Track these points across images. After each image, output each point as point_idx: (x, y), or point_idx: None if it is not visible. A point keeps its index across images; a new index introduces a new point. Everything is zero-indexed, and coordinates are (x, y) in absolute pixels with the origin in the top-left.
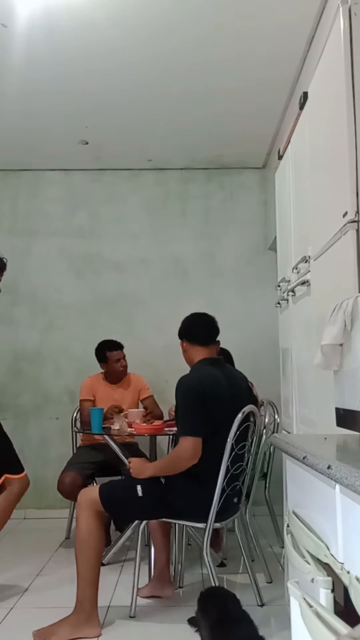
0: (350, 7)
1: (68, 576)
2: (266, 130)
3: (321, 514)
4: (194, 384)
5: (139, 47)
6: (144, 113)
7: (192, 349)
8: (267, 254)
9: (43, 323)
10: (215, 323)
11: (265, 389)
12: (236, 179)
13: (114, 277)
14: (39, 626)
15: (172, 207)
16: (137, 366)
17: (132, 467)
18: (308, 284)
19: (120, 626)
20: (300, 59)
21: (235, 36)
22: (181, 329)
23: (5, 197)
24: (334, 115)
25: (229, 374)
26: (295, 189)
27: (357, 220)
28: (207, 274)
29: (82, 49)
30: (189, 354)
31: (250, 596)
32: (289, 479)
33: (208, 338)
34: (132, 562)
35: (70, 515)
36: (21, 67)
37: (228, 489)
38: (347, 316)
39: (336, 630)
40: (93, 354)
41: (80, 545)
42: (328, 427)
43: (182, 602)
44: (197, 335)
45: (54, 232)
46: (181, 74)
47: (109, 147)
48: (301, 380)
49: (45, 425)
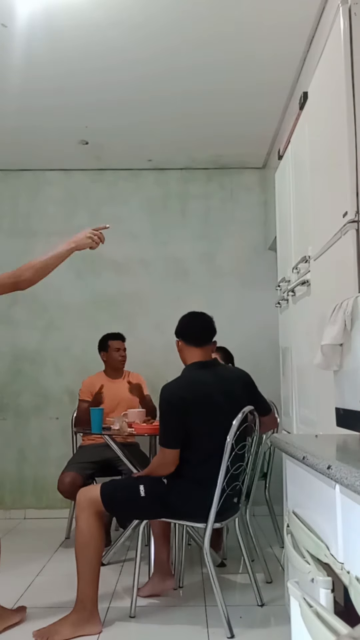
0: (350, 7)
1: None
2: (266, 130)
3: (321, 514)
4: (174, 399)
5: (139, 47)
6: (144, 113)
7: (187, 349)
8: (267, 254)
9: (43, 323)
10: (212, 323)
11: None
12: (236, 179)
13: (114, 277)
14: (39, 626)
15: (172, 207)
16: (137, 366)
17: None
18: (308, 284)
19: (120, 626)
20: (300, 59)
21: (236, 36)
22: (178, 328)
23: (5, 197)
24: (334, 115)
25: (222, 374)
26: (295, 189)
27: (357, 220)
28: (207, 274)
29: (82, 49)
30: (183, 353)
31: (250, 596)
32: (289, 479)
33: (204, 339)
34: (132, 562)
35: (70, 515)
36: (21, 66)
37: (228, 489)
38: (347, 316)
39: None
40: (93, 353)
41: (80, 545)
42: (328, 427)
43: (182, 602)
44: (192, 336)
45: (54, 232)
46: (181, 74)
47: (109, 147)
48: (301, 380)
49: (45, 425)
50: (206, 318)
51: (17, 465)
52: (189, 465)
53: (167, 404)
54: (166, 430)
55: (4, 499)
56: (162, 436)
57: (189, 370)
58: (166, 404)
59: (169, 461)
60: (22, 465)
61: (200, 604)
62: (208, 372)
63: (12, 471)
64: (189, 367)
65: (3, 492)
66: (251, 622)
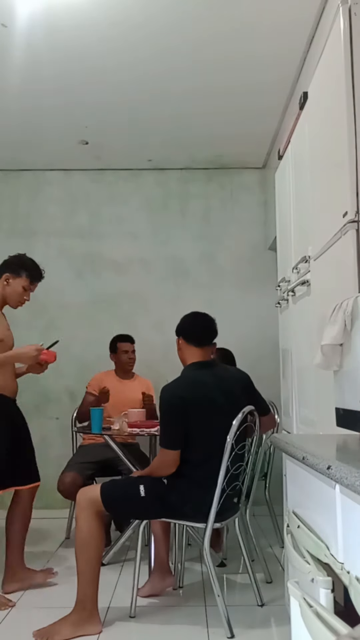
0: (350, 7)
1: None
2: (266, 130)
3: (321, 514)
4: (174, 400)
5: (139, 47)
6: (144, 113)
7: (187, 349)
8: (267, 254)
9: (43, 323)
10: (214, 325)
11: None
12: (236, 179)
13: (114, 277)
14: (39, 626)
15: (172, 207)
16: (137, 366)
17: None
18: (308, 284)
19: (120, 626)
20: (300, 58)
21: (236, 36)
22: (179, 326)
23: (5, 197)
24: (334, 115)
25: (221, 374)
26: (295, 189)
27: (357, 220)
28: (207, 274)
29: (82, 49)
30: (183, 352)
31: (250, 596)
32: (289, 479)
33: (204, 339)
34: (132, 562)
35: (70, 515)
36: (21, 66)
37: (228, 489)
38: (347, 316)
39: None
40: (93, 353)
41: (80, 545)
42: (328, 427)
43: (182, 602)
44: (194, 335)
45: (54, 232)
46: (181, 74)
47: (109, 147)
48: (301, 380)
49: (45, 425)
50: (208, 318)
51: None
52: (189, 465)
53: (168, 405)
54: (167, 431)
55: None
56: (163, 437)
57: (189, 371)
58: (167, 405)
59: (169, 462)
60: None
61: (200, 604)
62: (208, 372)
63: None
64: (188, 367)
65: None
66: (251, 622)
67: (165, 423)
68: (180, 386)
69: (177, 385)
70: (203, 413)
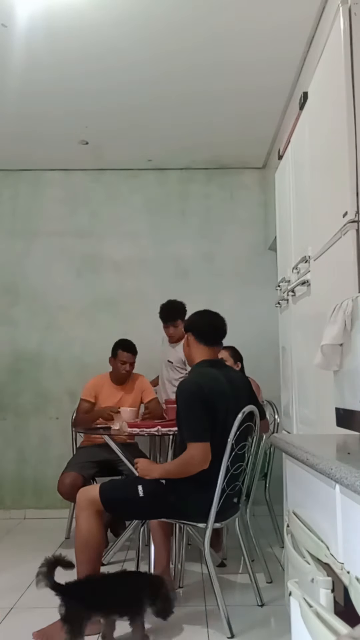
0: (350, 7)
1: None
2: (266, 130)
3: (321, 514)
4: (195, 389)
5: (139, 48)
6: (144, 113)
7: (196, 346)
8: (267, 254)
9: (43, 323)
10: (225, 326)
11: (265, 389)
12: (236, 179)
13: (114, 277)
14: (39, 626)
15: (172, 207)
16: (137, 366)
17: (139, 467)
18: (308, 284)
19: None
20: (300, 59)
21: (236, 37)
22: (191, 322)
23: (5, 197)
24: (334, 116)
25: (230, 375)
26: (295, 189)
27: (357, 220)
28: (207, 274)
29: (82, 49)
30: (191, 349)
31: (250, 596)
32: (289, 479)
33: (215, 338)
34: (132, 562)
35: (70, 515)
36: (21, 67)
37: (228, 489)
38: (347, 316)
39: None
40: (93, 353)
41: (80, 545)
42: (328, 427)
43: (182, 602)
44: (206, 333)
45: (54, 232)
46: (181, 74)
47: (109, 147)
48: (301, 380)
49: (45, 425)
50: (220, 318)
51: (17, 465)
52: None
53: (190, 394)
54: (193, 423)
55: (4, 499)
56: (189, 430)
57: (203, 367)
58: (188, 393)
59: (200, 457)
60: (22, 465)
61: (200, 604)
62: (220, 372)
63: (12, 471)
64: (201, 364)
65: (3, 492)
66: (251, 622)
67: (190, 414)
68: (202, 378)
69: (199, 377)
70: (217, 409)
